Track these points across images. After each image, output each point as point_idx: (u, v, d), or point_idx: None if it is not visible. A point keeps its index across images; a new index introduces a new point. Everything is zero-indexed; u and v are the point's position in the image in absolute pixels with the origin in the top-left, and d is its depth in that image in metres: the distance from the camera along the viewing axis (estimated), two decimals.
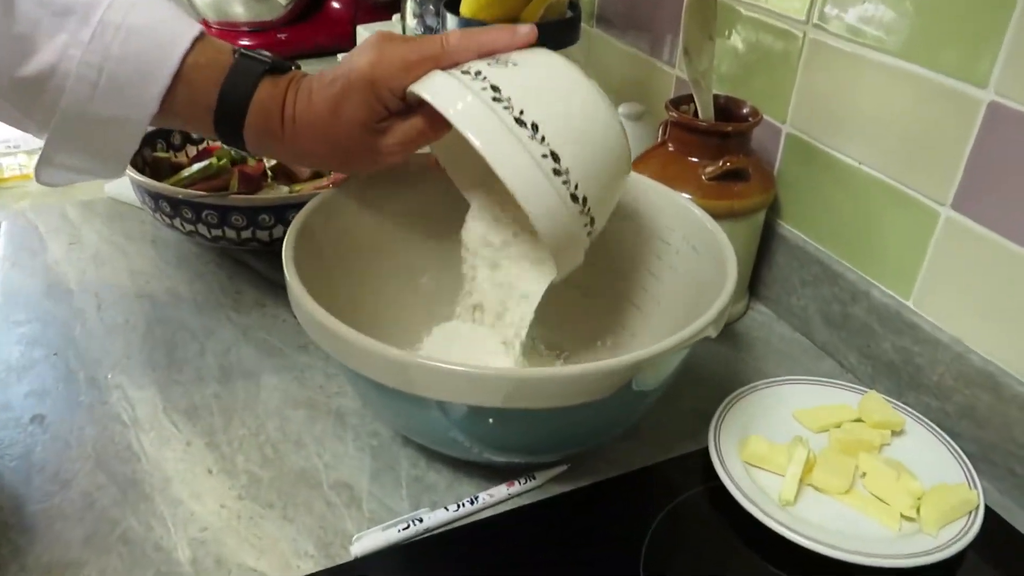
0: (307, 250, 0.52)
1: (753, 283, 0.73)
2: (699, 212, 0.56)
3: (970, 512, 0.49)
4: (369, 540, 0.48)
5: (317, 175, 0.80)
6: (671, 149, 0.67)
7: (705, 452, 0.54)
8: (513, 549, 0.49)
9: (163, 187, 0.68)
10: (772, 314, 0.72)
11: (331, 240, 0.57)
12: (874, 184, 0.61)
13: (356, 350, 0.43)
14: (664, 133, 0.69)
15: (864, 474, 0.53)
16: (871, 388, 0.58)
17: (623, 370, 0.43)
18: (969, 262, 0.55)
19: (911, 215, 0.58)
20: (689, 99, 0.68)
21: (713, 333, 0.47)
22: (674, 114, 0.65)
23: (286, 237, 0.51)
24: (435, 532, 0.50)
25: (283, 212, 0.67)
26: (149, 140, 0.80)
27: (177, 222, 0.70)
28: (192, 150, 0.84)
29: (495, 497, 0.51)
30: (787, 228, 0.70)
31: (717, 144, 0.64)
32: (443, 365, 0.41)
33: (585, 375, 0.42)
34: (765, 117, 0.68)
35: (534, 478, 0.53)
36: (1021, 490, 0.53)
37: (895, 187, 0.59)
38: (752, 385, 0.59)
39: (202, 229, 0.69)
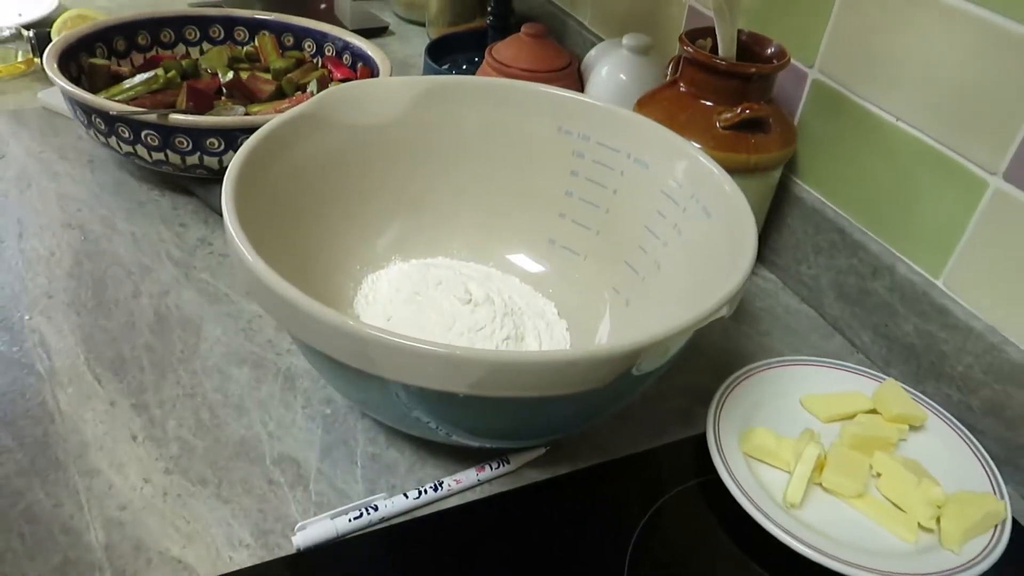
0: (255, 187, 0.44)
1: (760, 247, 0.66)
2: (716, 170, 0.49)
3: (996, 526, 0.44)
4: (314, 530, 0.41)
5: (279, 94, 0.71)
6: (682, 90, 0.59)
7: (701, 438, 0.48)
8: (480, 544, 0.43)
9: (96, 100, 0.59)
10: (778, 282, 0.66)
11: (285, 175, 0.48)
12: (912, 144, 0.53)
13: (305, 318, 0.36)
14: (675, 71, 0.61)
15: (879, 475, 0.47)
16: (884, 371, 0.52)
17: (622, 357, 0.36)
18: (1017, 241, 0.48)
19: (954, 183, 0.51)
20: (706, 32, 0.59)
21: (727, 313, 0.40)
22: (689, 49, 0.57)
23: (228, 172, 0.43)
24: (392, 523, 0.43)
25: (234, 137, 0.59)
26: (87, 44, 0.70)
27: (113, 141, 0.61)
28: (138, 58, 0.74)
29: (462, 483, 0.45)
30: (804, 188, 0.62)
31: (736, 87, 0.56)
32: (409, 344, 0.34)
33: (579, 362, 0.35)
34: (792, 60, 0.60)
35: (507, 462, 0.46)
36: None
37: (937, 149, 0.52)
38: (755, 365, 0.53)
39: (141, 151, 0.61)
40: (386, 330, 0.35)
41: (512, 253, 0.58)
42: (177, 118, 0.57)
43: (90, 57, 0.69)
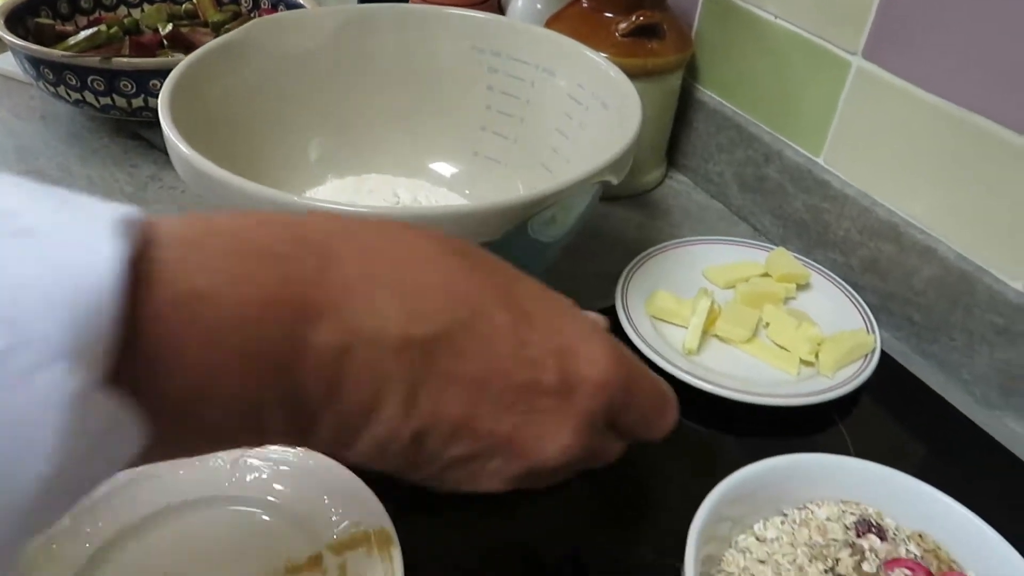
0: (190, 109, 0.49)
1: (671, 152, 0.72)
2: (604, 63, 0.54)
3: (866, 355, 0.50)
4: None
5: None
6: (585, 6, 0.64)
7: (612, 309, 0.54)
8: None
9: (44, 51, 0.63)
10: (690, 182, 0.72)
11: (216, 99, 0.53)
12: (789, 38, 0.59)
13: (235, 193, 0.41)
14: None
15: (767, 324, 0.53)
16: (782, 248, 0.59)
17: (516, 209, 0.41)
18: (879, 113, 0.54)
19: (823, 68, 0.57)
20: None
21: (613, 179, 0.46)
22: None
23: (161, 89, 0.48)
24: None
25: None
26: (32, 8, 0.74)
27: (62, 90, 0.65)
28: (82, 20, 0.79)
29: None
30: (706, 93, 0.68)
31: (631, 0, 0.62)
32: (329, 204, 0.39)
33: (476, 212, 0.40)
34: None
35: None
36: (918, 337, 0.54)
37: (808, 39, 0.58)
38: (662, 244, 0.58)
39: (89, 98, 0.65)
40: (315, 198, 0.40)
41: (440, 166, 0.64)
42: (120, 60, 0.62)
43: (36, 19, 0.73)
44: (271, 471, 0.41)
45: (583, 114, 0.57)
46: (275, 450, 0.41)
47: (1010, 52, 0.45)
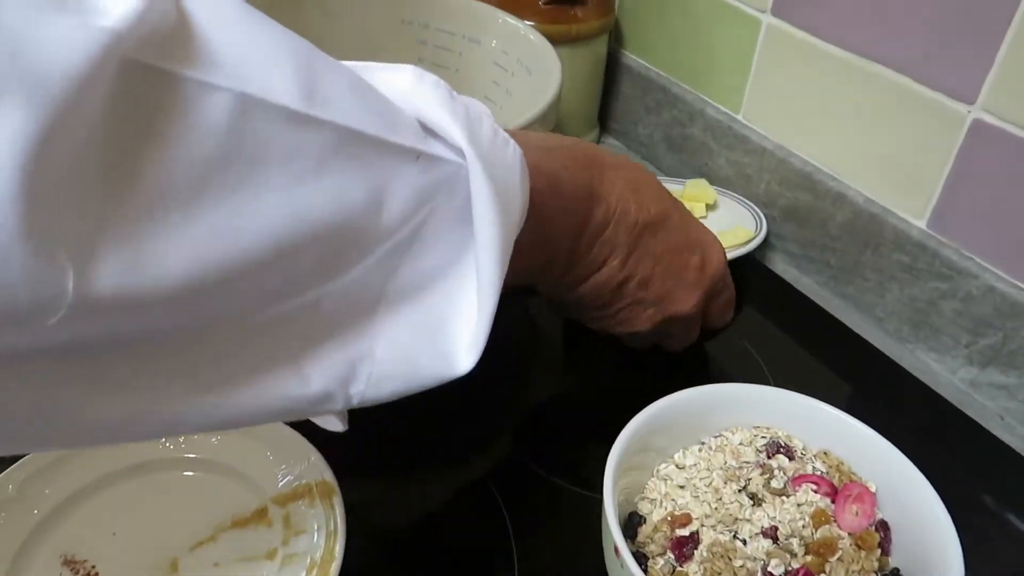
0: None
1: (603, 117, 0.74)
2: (524, 27, 0.56)
3: (749, 240, 0.56)
4: None
5: None
6: None
7: None
8: None
9: None
10: (622, 146, 0.74)
11: None
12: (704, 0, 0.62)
13: None
14: None
15: None
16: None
17: None
18: (789, 67, 0.57)
19: (737, 27, 0.59)
20: None
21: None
22: None
23: None
24: None
25: None
26: None
27: None
28: None
29: None
30: (631, 58, 0.70)
31: None
32: None
33: None
34: None
35: None
36: (836, 280, 0.57)
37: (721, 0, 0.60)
38: None
39: None
40: None
41: None
42: None
43: None
44: (212, 433, 0.42)
45: (509, 80, 0.58)
46: None
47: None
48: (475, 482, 0.43)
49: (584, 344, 0.52)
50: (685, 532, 0.35)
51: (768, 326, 0.54)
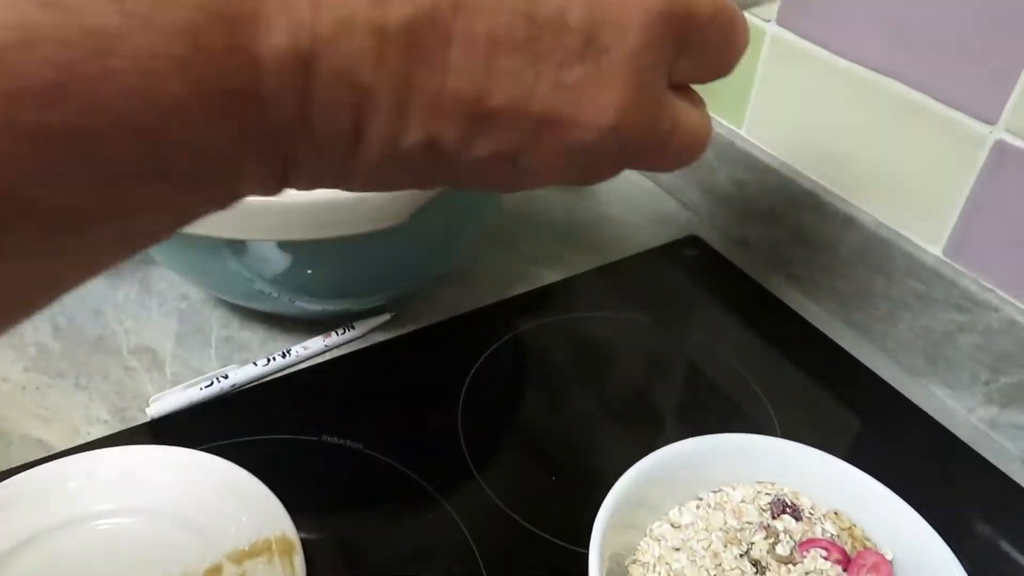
0: None
1: None
2: None
3: None
4: (167, 400, 0.44)
5: None
6: None
7: (542, 291, 0.52)
8: (325, 401, 0.46)
9: None
10: None
11: None
12: None
13: None
14: None
15: None
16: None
17: (419, 193, 0.39)
18: (795, 80, 0.53)
19: None
20: None
21: None
22: None
23: None
24: (241, 388, 0.46)
25: None
26: None
27: None
28: None
29: (310, 350, 0.48)
30: None
31: None
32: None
33: (368, 199, 0.38)
34: None
35: (353, 328, 0.50)
36: (845, 307, 0.54)
37: None
38: None
39: None
40: None
41: None
42: None
43: None
44: (166, 478, 0.39)
45: None
46: (169, 453, 0.39)
47: (915, 11, 0.44)
48: (453, 534, 0.39)
49: (576, 387, 0.49)
50: None
51: (771, 353, 0.51)
